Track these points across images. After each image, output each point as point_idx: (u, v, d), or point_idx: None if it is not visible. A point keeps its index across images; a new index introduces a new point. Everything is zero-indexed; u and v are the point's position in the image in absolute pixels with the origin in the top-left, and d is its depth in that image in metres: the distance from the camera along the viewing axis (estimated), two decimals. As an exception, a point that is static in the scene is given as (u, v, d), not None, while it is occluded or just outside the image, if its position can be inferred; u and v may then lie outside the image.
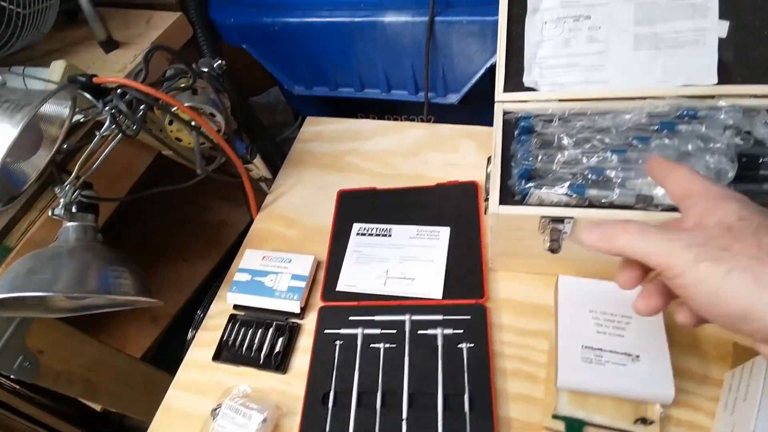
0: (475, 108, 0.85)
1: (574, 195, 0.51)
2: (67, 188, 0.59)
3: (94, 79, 0.59)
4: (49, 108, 0.53)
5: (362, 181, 0.77)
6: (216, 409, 0.57)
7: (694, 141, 0.51)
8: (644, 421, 0.48)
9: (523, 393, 0.53)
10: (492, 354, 0.55)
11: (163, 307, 1.00)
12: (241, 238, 1.13)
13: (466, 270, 0.62)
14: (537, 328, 0.58)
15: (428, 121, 0.87)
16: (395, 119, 0.87)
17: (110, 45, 0.77)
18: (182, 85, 0.65)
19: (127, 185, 0.77)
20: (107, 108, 0.59)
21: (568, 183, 0.51)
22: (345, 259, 0.67)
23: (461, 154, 0.78)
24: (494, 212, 0.52)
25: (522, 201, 0.53)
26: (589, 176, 0.51)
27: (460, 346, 0.56)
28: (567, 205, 0.52)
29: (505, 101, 0.62)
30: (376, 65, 0.81)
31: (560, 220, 0.50)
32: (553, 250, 0.52)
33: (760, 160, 0.51)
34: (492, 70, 0.77)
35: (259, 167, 0.78)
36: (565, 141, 0.56)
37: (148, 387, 0.90)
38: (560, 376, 0.50)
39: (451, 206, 0.70)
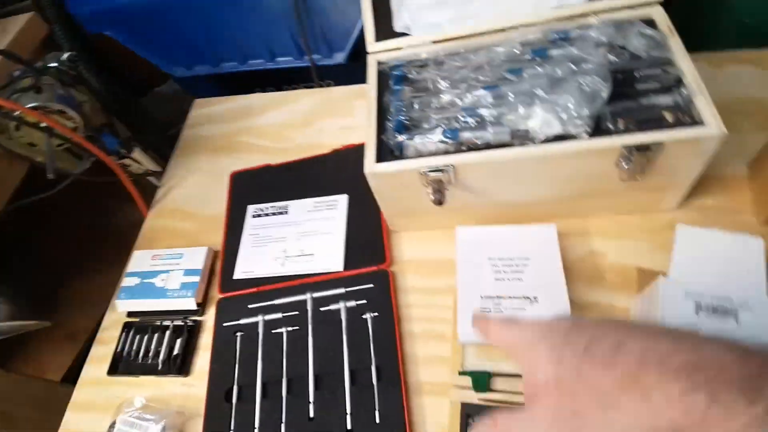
0: (363, 68, 0.81)
1: (450, 141, 0.47)
2: None
3: None
4: None
5: (257, 160, 0.72)
6: (110, 427, 0.52)
7: (565, 65, 0.48)
8: (548, 361, 0.47)
9: (432, 355, 0.51)
10: (398, 319, 0.53)
11: (80, 323, 0.93)
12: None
13: (367, 237, 0.59)
14: (443, 285, 0.55)
15: (326, 86, 0.82)
16: (294, 89, 0.81)
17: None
18: (26, 86, 0.57)
19: (3, 198, 0.69)
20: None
21: (441, 129, 0.48)
22: (241, 244, 0.63)
23: (355, 116, 0.73)
24: (370, 172, 0.49)
25: (401, 156, 0.50)
26: (463, 118, 0.48)
27: (364, 316, 0.53)
28: (446, 152, 0.48)
29: (378, 51, 0.57)
30: (253, 33, 0.75)
31: (439, 169, 0.47)
32: (438, 202, 0.49)
33: (636, 75, 0.48)
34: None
35: (141, 161, 0.71)
36: (441, 84, 0.52)
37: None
38: (459, 331, 0.48)
39: (348, 172, 0.65)
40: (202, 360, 0.57)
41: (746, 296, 0.37)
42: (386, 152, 0.50)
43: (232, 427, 0.50)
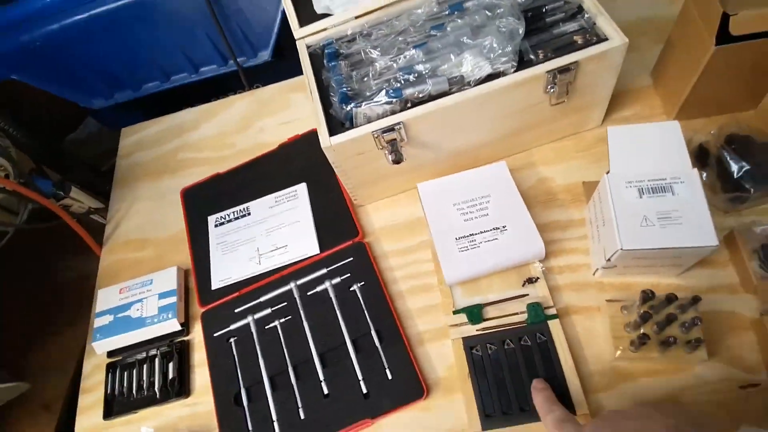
0: (290, 62, 0.81)
1: (394, 100, 0.50)
2: None
3: None
4: None
5: (203, 172, 0.71)
6: (123, 468, 0.50)
7: (481, 13, 0.53)
8: (530, 280, 0.51)
9: (424, 306, 0.54)
10: (384, 283, 0.55)
11: (51, 391, 0.86)
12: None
13: (335, 216, 0.60)
14: (417, 242, 0.58)
15: (255, 89, 0.81)
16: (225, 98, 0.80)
17: None
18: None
19: None
20: None
21: (384, 91, 0.50)
22: (211, 256, 0.62)
23: (293, 109, 0.74)
24: (327, 146, 0.50)
25: (352, 126, 0.52)
26: (402, 77, 0.51)
27: (352, 288, 0.55)
28: (393, 113, 0.51)
29: (305, 36, 0.59)
30: (171, 47, 0.73)
31: (390, 128, 0.50)
32: (397, 161, 0.52)
33: (544, 9, 0.54)
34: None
35: (80, 199, 0.68)
36: (373, 53, 0.55)
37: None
38: (445, 274, 0.51)
39: (299, 162, 0.66)
40: (199, 377, 0.56)
41: (676, 171, 0.43)
42: (337, 126, 0.52)
43: (250, 427, 0.50)
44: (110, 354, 0.59)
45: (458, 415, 0.47)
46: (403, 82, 0.51)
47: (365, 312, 0.53)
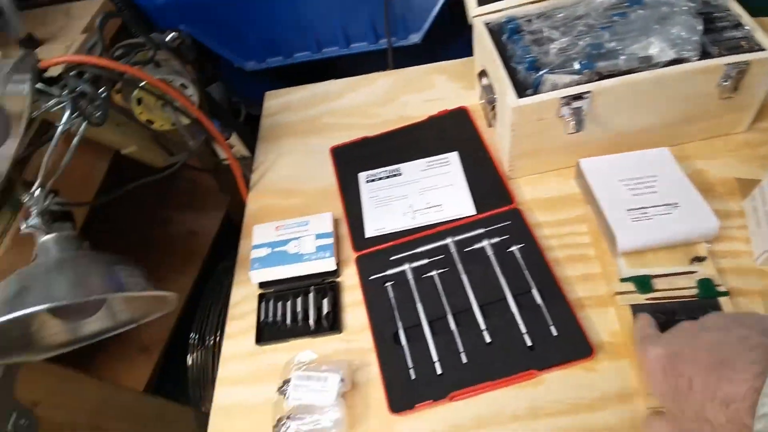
0: (433, 47, 0.86)
1: (585, 71, 0.53)
2: (36, 194, 0.50)
3: (41, 64, 0.50)
4: (9, 87, 0.44)
5: (348, 136, 0.75)
6: (283, 386, 0.51)
7: (659, 9, 0.56)
8: (698, 259, 0.52)
9: (581, 273, 0.55)
10: (542, 248, 0.56)
11: (151, 335, 0.88)
12: (214, 246, 1.05)
13: (488, 184, 0.63)
14: (571, 216, 0.60)
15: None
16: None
17: (31, 43, 0.67)
18: (144, 59, 0.58)
19: (90, 195, 0.67)
20: (65, 93, 0.51)
21: (577, 61, 0.53)
22: (363, 207, 0.64)
23: (437, 89, 0.78)
24: (514, 105, 0.53)
25: (535, 93, 0.55)
26: (592, 52, 0.54)
27: (510, 250, 0.56)
28: (578, 84, 0.54)
29: (482, 14, 0.63)
30: (332, 20, 0.79)
31: (579, 96, 0.52)
32: (578, 129, 0.54)
33: (712, 16, 0.57)
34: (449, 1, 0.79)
35: (236, 145, 0.72)
36: (554, 33, 0.58)
37: (161, 422, 0.80)
38: (619, 240, 0.52)
39: (449, 134, 0.70)
40: (351, 316, 0.58)
41: None
42: (520, 90, 0.55)
43: (410, 365, 0.51)
44: (261, 285, 0.61)
45: (625, 379, 0.48)
46: (589, 57, 0.54)
47: (525, 272, 0.54)
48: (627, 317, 0.50)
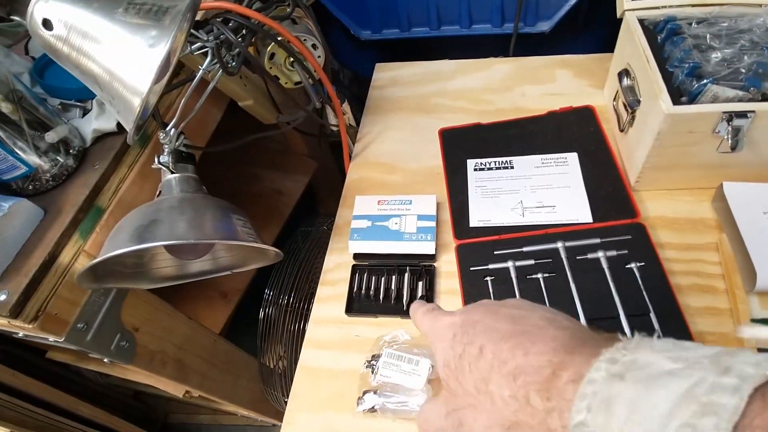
0: (556, 40, 0.81)
1: (752, 89, 0.47)
2: (171, 133, 0.52)
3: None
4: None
5: (458, 120, 0.72)
6: (372, 361, 0.51)
7: None
8: None
9: (706, 306, 0.50)
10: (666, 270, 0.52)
11: (232, 283, 0.92)
12: (297, 208, 1.07)
13: (609, 192, 0.58)
14: (701, 242, 0.54)
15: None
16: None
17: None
18: (282, 14, 0.58)
19: (203, 141, 0.69)
20: (211, 38, 0.52)
21: (743, 77, 0.48)
22: (469, 195, 0.62)
23: (559, 83, 0.74)
24: (669, 112, 0.48)
25: (690, 102, 0.50)
26: (759, 70, 0.48)
27: (629, 266, 0.52)
28: (740, 101, 0.48)
29: (637, 9, 0.58)
30: (458, -3, 0.75)
31: (743, 114, 0.47)
32: (734, 149, 0.49)
33: None
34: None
35: (347, 112, 0.72)
36: (716, 42, 0.52)
37: (230, 368, 0.83)
38: (760, 277, 0.47)
39: (570, 133, 0.65)
40: (444, 304, 0.56)
41: None
42: (673, 97, 0.50)
43: (505, 366, 0.49)
44: (356, 256, 0.61)
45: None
46: (755, 74, 0.48)
47: (644, 293, 0.50)
48: (757, 363, 0.45)
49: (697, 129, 0.50)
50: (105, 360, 0.60)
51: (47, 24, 0.37)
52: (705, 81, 0.48)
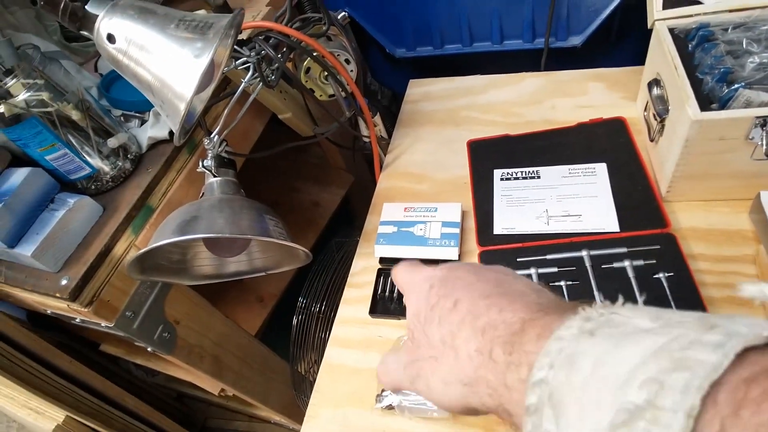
0: (588, 54, 0.81)
1: (791, 92, 0.46)
2: (215, 139, 0.57)
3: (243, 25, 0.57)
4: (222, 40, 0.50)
5: (487, 132, 0.73)
6: (392, 360, 0.52)
7: None
8: None
9: (741, 320, 0.48)
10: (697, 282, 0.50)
11: (268, 289, 0.96)
12: (333, 219, 1.11)
13: (639, 202, 0.58)
14: (737, 254, 0.52)
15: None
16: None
17: (225, 10, 0.76)
18: (318, 32, 0.63)
19: (246, 149, 0.74)
20: (253, 54, 0.57)
21: (782, 79, 0.46)
22: (494, 203, 0.63)
23: (590, 96, 0.74)
24: (696, 118, 0.48)
25: (721, 108, 0.49)
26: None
27: (656, 276, 0.51)
28: (778, 106, 0.47)
29: (667, 18, 0.58)
30: (489, 14, 0.78)
31: (780, 119, 0.46)
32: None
33: None
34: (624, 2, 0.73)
35: (379, 124, 0.75)
36: (754, 47, 0.51)
37: (264, 369, 0.87)
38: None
39: (599, 144, 0.65)
40: (466, 309, 0.57)
41: None
42: (703, 104, 0.49)
43: (524, 371, 0.49)
44: (382, 261, 0.63)
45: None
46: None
47: (672, 303, 0.49)
48: (797, 381, 0.42)
49: (729, 135, 0.49)
50: (148, 349, 0.64)
51: (111, 38, 0.43)
52: (736, 86, 0.48)
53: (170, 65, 0.42)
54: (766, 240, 0.50)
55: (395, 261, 0.62)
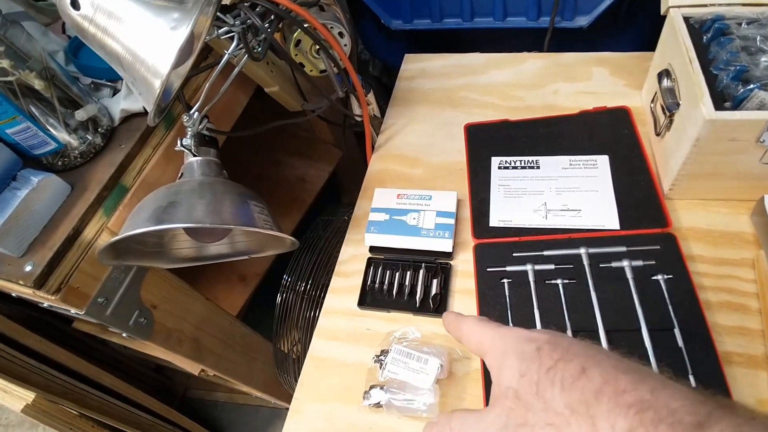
0: (593, 36, 0.78)
1: (811, 93, 0.44)
2: (195, 116, 0.52)
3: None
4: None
5: (485, 115, 0.70)
6: (380, 356, 0.51)
7: None
8: None
9: (736, 325, 0.47)
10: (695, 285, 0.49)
11: (251, 267, 0.94)
12: (320, 196, 1.07)
13: (640, 199, 0.56)
14: (737, 257, 0.51)
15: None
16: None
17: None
18: (307, 2, 0.57)
19: (229, 126, 0.69)
20: (237, 22, 0.52)
21: (803, 80, 0.44)
22: (491, 193, 0.61)
23: (595, 82, 0.71)
24: (710, 118, 0.45)
25: (734, 108, 0.46)
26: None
27: (655, 278, 0.50)
28: (795, 107, 0.45)
29: (683, 5, 0.54)
30: (493, -13, 0.73)
31: (796, 122, 0.44)
32: (781, 158, 0.46)
33: None
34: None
35: (372, 103, 0.71)
36: (765, 44, 0.49)
37: (245, 350, 0.85)
38: (801, 300, 0.44)
39: (602, 134, 0.63)
40: (458, 303, 0.55)
41: None
42: (716, 102, 0.47)
43: (516, 372, 0.47)
44: (372, 249, 0.60)
45: (770, 458, 0.41)
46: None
47: (669, 307, 0.48)
48: (789, 390, 0.42)
49: (740, 137, 0.46)
50: (123, 335, 0.61)
51: (75, 4, 0.38)
52: (752, 86, 0.45)
53: (143, 37, 0.37)
54: (767, 244, 0.49)
55: (386, 251, 0.60)
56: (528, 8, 0.75)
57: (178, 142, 0.52)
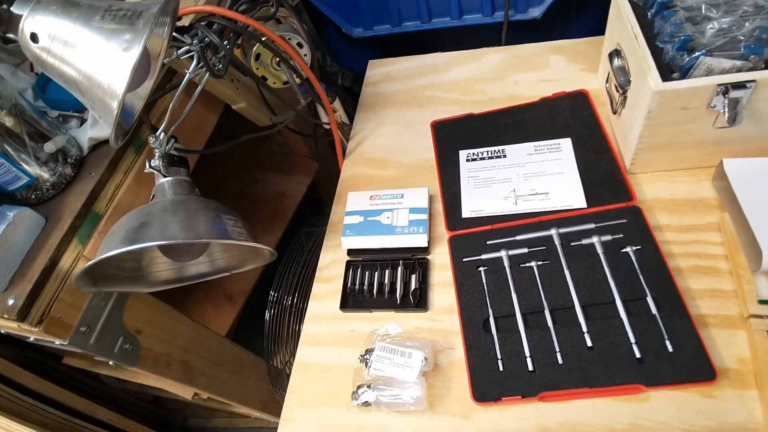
0: (549, 26, 0.80)
1: (752, 57, 0.46)
2: (161, 137, 0.53)
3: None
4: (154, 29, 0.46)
5: (451, 111, 0.71)
6: (365, 355, 0.51)
7: None
8: None
9: (708, 288, 0.48)
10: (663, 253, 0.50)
11: (237, 286, 0.93)
12: (300, 209, 1.08)
13: (604, 176, 0.57)
14: (702, 222, 0.53)
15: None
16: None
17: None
18: (266, 15, 0.59)
19: (200, 145, 0.70)
20: (195, 42, 0.53)
21: (741, 46, 0.46)
22: (461, 186, 0.62)
23: (553, 69, 0.72)
24: (658, 89, 0.47)
25: (682, 77, 0.48)
26: (762, 36, 0.46)
27: (624, 250, 0.51)
28: (738, 71, 0.46)
29: (624, -14, 0.56)
30: (446, -12, 0.75)
31: (741, 85, 0.45)
32: (732, 123, 0.47)
33: None
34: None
35: (339, 110, 0.72)
36: (713, 12, 0.51)
37: (237, 369, 0.84)
38: (765, 256, 0.45)
39: (563, 118, 0.64)
40: (438, 297, 0.56)
41: None
42: (664, 74, 0.48)
43: (499, 356, 0.48)
44: (350, 252, 0.61)
45: (751, 413, 0.41)
46: (757, 41, 0.46)
47: (640, 276, 0.49)
48: (762, 344, 0.43)
49: (691, 105, 0.48)
50: (109, 363, 0.61)
51: (34, 37, 0.38)
52: (696, 54, 0.47)
53: (97, 61, 0.38)
54: (730, 206, 0.51)
55: (364, 252, 0.61)
56: (482, 5, 0.77)
57: (146, 164, 0.52)
